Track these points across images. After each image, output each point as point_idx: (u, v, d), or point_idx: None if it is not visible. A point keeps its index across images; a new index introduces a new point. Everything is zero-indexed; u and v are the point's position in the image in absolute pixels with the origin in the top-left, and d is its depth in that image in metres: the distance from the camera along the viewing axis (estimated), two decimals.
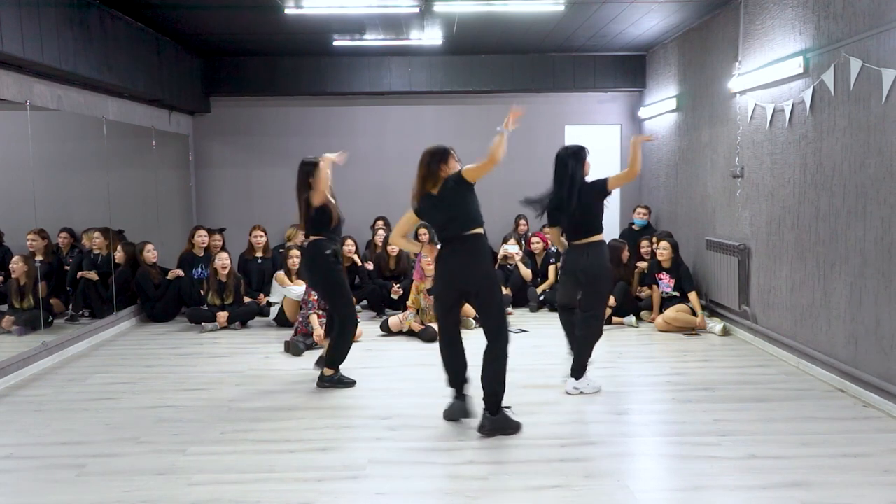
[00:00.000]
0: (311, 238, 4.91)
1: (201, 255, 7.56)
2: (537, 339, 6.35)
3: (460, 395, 4.25)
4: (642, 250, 7.49)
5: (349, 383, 4.95)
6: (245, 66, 8.94)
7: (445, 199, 4.03)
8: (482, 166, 3.94)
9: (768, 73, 5.66)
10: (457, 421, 4.20)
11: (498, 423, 4.00)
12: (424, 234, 8.27)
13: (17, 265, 6.06)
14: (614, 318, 6.82)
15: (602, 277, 4.66)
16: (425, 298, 6.47)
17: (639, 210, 8.26)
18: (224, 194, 9.35)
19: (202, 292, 7.07)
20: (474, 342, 4.30)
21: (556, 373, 5.12)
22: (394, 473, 3.52)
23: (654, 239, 7.13)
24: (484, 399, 4.03)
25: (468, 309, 6.89)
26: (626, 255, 7.13)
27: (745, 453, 3.68)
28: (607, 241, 7.33)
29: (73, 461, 3.69)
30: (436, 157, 4.10)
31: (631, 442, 3.92)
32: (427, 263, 6.49)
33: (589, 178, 4.70)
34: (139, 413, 4.46)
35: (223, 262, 6.92)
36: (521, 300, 7.70)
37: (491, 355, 4.02)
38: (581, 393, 4.71)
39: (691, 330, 6.46)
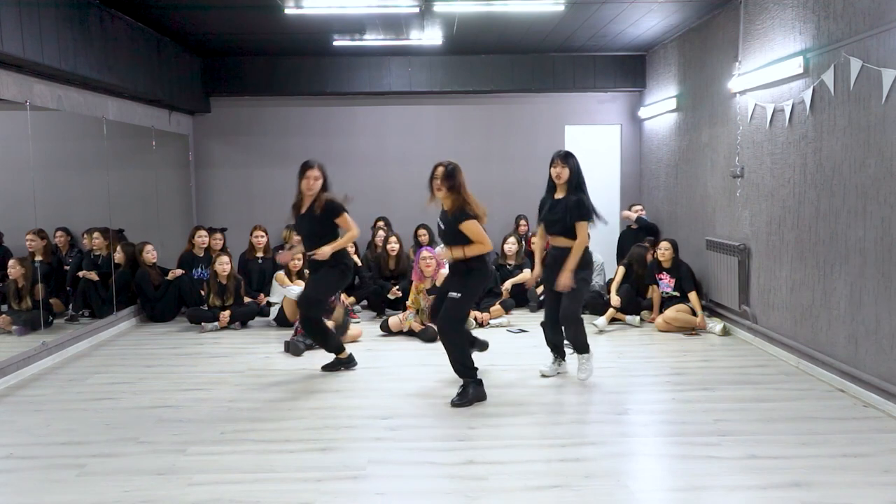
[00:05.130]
0: None
1: (201, 255, 7.56)
2: (537, 339, 6.34)
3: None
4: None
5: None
6: (245, 66, 8.94)
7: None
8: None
9: (768, 73, 5.66)
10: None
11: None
12: (424, 234, 8.29)
13: (14, 269, 6.04)
14: (618, 316, 6.82)
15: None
16: (425, 299, 6.46)
17: (634, 208, 8.30)
18: (224, 194, 9.35)
19: (203, 294, 7.07)
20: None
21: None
22: (394, 473, 3.52)
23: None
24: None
25: None
26: (649, 257, 7.10)
27: (745, 453, 3.68)
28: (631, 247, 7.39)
29: (73, 461, 3.69)
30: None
31: (631, 442, 3.92)
32: (426, 265, 6.49)
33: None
34: (139, 413, 4.46)
35: (223, 265, 6.92)
36: (521, 300, 7.70)
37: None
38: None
39: (691, 330, 6.46)
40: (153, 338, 6.63)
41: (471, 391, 4.53)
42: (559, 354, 5.21)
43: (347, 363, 5.40)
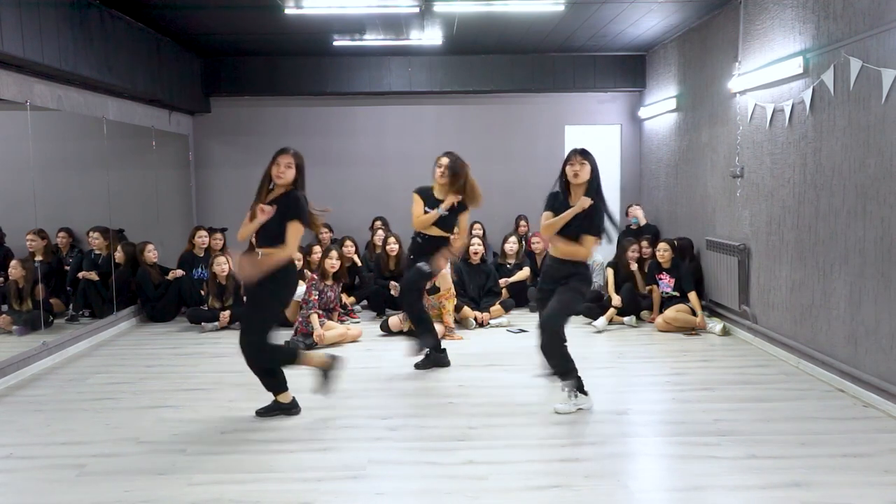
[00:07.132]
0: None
1: (202, 255, 7.56)
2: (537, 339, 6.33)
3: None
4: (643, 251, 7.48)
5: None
6: (245, 66, 8.94)
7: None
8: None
9: (768, 73, 5.66)
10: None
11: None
12: None
13: (14, 269, 6.05)
14: (615, 317, 6.82)
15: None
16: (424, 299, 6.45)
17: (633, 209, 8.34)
18: (224, 194, 9.34)
19: (203, 294, 7.07)
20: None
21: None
22: (394, 473, 3.52)
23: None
24: None
25: (467, 310, 6.91)
26: (630, 252, 7.09)
27: (745, 453, 3.68)
28: (616, 241, 7.26)
29: (73, 461, 3.69)
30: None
31: (631, 442, 3.92)
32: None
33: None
34: (139, 413, 4.46)
35: (221, 266, 6.92)
36: (521, 300, 7.70)
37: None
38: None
39: (691, 330, 6.46)
40: (153, 338, 6.63)
41: (431, 356, 5.29)
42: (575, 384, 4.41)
43: (289, 409, 4.39)
